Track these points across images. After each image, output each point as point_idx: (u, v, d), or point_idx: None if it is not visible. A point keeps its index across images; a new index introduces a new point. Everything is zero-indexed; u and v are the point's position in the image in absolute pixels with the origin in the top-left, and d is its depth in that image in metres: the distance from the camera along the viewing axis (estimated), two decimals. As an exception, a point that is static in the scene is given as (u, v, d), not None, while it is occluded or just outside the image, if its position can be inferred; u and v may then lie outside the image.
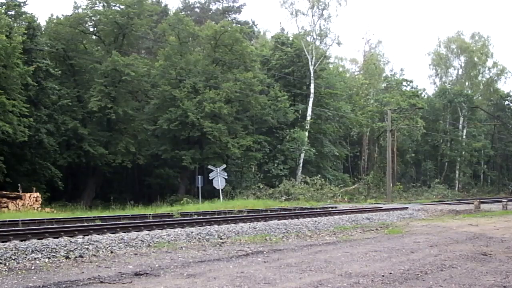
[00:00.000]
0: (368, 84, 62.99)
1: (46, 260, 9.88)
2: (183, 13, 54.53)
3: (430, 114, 65.92)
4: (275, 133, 47.08)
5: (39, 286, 7.12)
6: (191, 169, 41.97)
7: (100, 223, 17.02)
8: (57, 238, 12.47)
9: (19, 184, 31.03)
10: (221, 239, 13.63)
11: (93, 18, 44.00)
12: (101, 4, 43.77)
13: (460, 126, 68.97)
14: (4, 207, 28.21)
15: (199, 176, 37.09)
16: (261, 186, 40.95)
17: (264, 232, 15.22)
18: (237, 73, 43.09)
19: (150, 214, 21.94)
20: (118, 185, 47.99)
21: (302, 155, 47.04)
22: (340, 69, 68.34)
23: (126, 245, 12.00)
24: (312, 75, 49.19)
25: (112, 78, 40.44)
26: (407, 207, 28.69)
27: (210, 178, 35.88)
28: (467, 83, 73.53)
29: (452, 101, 67.14)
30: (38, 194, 30.76)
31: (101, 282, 7.39)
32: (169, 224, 16.03)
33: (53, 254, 10.55)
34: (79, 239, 12.25)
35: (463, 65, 73.39)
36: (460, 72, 74.29)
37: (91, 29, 45.10)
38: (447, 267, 8.71)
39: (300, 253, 10.45)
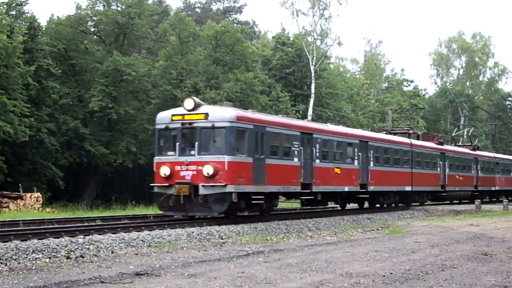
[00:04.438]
0: (369, 84, 62.92)
1: (47, 260, 9.89)
2: (184, 13, 54.56)
3: (431, 114, 65.87)
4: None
5: (40, 286, 7.13)
6: (192, 169, 41.92)
7: (101, 223, 17.02)
8: (58, 238, 12.45)
9: (20, 184, 30.99)
10: (222, 239, 13.63)
11: (93, 18, 43.96)
12: (102, 4, 43.78)
13: (461, 126, 68.91)
14: (5, 207, 28.18)
15: (200, 176, 36.97)
16: (262, 186, 40.83)
17: (265, 232, 15.22)
18: (238, 73, 43.07)
19: (151, 214, 21.89)
20: (119, 185, 47.94)
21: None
22: (341, 69, 68.21)
23: (127, 245, 11.99)
24: (313, 75, 49.13)
25: (113, 78, 40.42)
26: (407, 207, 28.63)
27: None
28: (468, 83, 73.49)
29: (453, 101, 67.08)
30: (39, 194, 30.70)
31: (102, 282, 7.40)
32: (170, 224, 16.03)
33: (54, 254, 10.56)
34: (80, 239, 12.24)
35: (464, 65, 73.39)
36: (461, 72, 74.28)
37: (92, 29, 45.06)
38: (448, 267, 8.71)
39: (301, 253, 10.46)
